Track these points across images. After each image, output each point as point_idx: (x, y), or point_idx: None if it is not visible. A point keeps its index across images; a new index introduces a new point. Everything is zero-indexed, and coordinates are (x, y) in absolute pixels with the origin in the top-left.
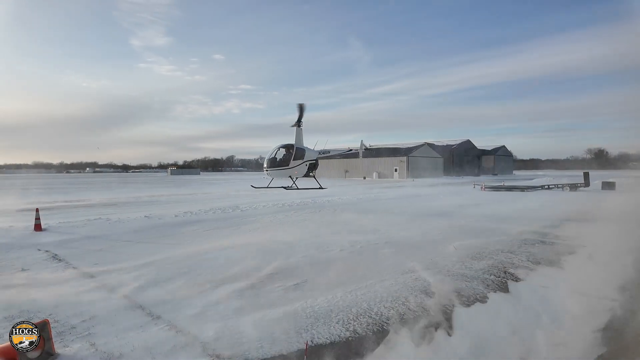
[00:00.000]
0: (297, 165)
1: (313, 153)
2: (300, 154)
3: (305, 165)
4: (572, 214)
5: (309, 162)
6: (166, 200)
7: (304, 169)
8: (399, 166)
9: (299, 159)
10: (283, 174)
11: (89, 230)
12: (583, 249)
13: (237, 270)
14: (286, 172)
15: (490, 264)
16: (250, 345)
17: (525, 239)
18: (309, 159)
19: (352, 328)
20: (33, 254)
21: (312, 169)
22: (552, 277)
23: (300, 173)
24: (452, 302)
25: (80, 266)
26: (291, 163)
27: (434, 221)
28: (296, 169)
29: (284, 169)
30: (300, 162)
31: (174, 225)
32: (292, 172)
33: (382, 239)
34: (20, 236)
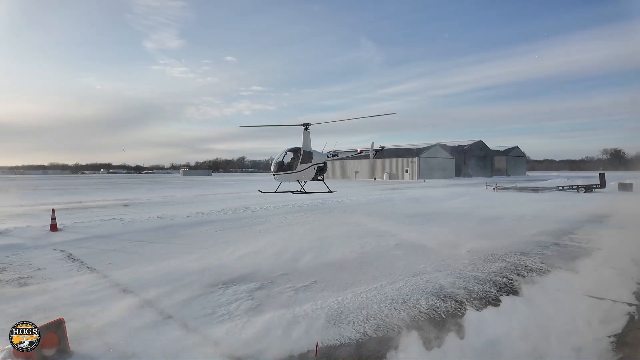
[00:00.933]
0: (304, 169)
1: (321, 156)
2: (308, 157)
3: (313, 168)
4: (586, 215)
5: (317, 165)
6: (178, 201)
7: (311, 173)
8: (409, 167)
9: (306, 162)
10: (290, 178)
11: (103, 230)
12: (599, 252)
13: (247, 271)
14: (293, 176)
15: (502, 266)
16: (260, 346)
17: (539, 241)
18: (317, 162)
19: (363, 330)
20: (49, 253)
21: (321, 173)
22: (567, 280)
23: (308, 177)
24: (463, 305)
25: (94, 265)
26: (298, 167)
27: (445, 223)
28: (304, 172)
29: (292, 173)
30: (307, 165)
31: (186, 226)
32: (300, 175)
33: (393, 241)
34: (36, 236)
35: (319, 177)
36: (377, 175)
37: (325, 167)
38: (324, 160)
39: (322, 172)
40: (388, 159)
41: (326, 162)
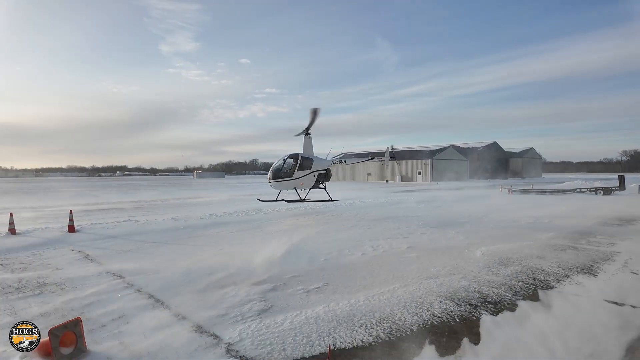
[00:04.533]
0: (302, 176)
1: (323, 162)
2: (308, 164)
3: (314, 175)
4: (605, 219)
5: (317, 172)
6: (192, 203)
7: (311, 180)
8: (422, 169)
9: (305, 169)
10: (287, 186)
11: (119, 231)
12: (618, 256)
13: (259, 271)
14: (291, 183)
15: (518, 270)
16: (272, 347)
17: (555, 244)
18: (317, 169)
19: (375, 333)
20: (67, 254)
21: (323, 180)
22: (585, 285)
23: (307, 184)
24: (478, 310)
25: (110, 266)
26: (295, 174)
27: (458, 225)
28: (302, 180)
29: (289, 180)
30: (306, 172)
31: (200, 227)
32: (297, 183)
33: (405, 243)
34: (54, 237)
35: (321, 184)
36: (390, 177)
37: (329, 174)
38: (327, 167)
39: (325, 179)
40: (400, 161)
41: (329, 169)
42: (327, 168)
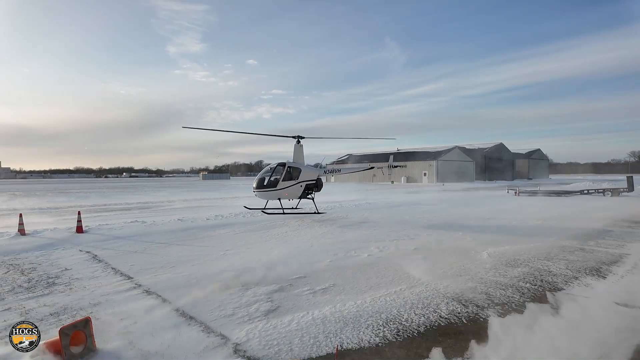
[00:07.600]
0: (287, 186)
1: (313, 172)
2: (295, 173)
3: (300, 186)
4: (614, 220)
5: (305, 182)
6: (198, 204)
7: (297, 191)
8: (428, 170)
9: (292, 179)
10: (271, 196)
11: (126, 232)
12: (627, 258)
13: (265, 272)
14: (274, 193)
15: (525, 271)
16: (280, 348)
17: (563, 245)
18: (305, 179)
19: (382, 334)
20: (75, 254)
21: (312, 190)
22: (594, 287)
23: (293, 195)
24: (485, 312)
25: (118, 266)
26: (279, 184)
27: (465, 227)
28: (287, 190)
29: (272, 191)
30: (292, 183)
31: (206, 228)
32: (281, 194)
33: (412, 244)
34: (63, 237)
35: (309, 195)
36: (395, 178)
37: (319, 184)
38: (316, 177)
39: (316, 188)
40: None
41: (320, 178)
42: (317, 177)
